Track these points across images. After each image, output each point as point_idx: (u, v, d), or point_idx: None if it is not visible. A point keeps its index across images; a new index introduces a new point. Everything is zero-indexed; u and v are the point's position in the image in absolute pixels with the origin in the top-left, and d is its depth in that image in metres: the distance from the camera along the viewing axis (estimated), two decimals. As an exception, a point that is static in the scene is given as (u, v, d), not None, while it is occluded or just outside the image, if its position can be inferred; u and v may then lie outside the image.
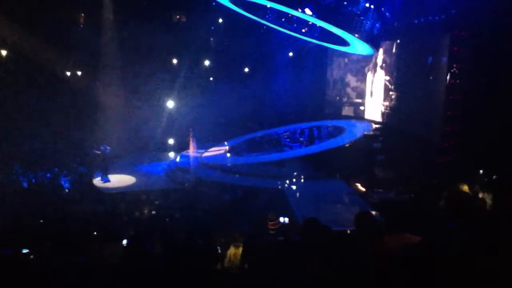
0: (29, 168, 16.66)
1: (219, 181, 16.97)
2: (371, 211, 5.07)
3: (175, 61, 24.97)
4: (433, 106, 16.84)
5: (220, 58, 23.88)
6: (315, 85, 25.00)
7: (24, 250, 5.28)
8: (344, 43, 17.73)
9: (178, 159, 20.24)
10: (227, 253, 6.63)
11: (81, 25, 22.04)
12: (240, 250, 6.28)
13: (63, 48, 19.26)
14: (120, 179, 17.85)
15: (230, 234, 7.73)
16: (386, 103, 20.81)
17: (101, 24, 21.24)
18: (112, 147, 18.21)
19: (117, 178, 17.86)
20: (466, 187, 4.69)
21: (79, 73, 21.38)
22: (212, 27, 24.66)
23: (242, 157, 20.18)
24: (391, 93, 20.44)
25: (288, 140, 21.70)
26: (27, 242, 5.63)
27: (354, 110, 23.70)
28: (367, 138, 19.96)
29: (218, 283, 3.66)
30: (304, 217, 5.47)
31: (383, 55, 21.06)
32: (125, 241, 5.98)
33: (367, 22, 15.56)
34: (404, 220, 3.68)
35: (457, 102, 15.93)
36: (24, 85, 18.37)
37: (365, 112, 22.82)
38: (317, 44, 20.32)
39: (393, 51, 20.30)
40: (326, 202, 14.79)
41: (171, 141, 22.20)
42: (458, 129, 15.85)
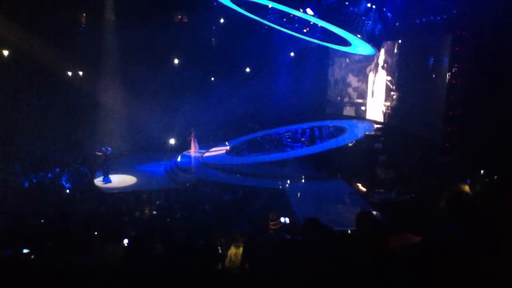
0: (30, 168, 16.69)
1: (220, 181, 17.00)
2: (372, 211, 5.07)
3: (176, 61, 24.98)
4: (434, 106, 16.83)
5: (222, 58, 23.86)
6: (317, 85, 24.99)
7: (25, 250, 5.28)
8: (346, 43, 17.72)
9: (179, 159, 20.24)
10: (227, 253, 6.63)
11: (82, 25, 22.06)
12: (240, 250, 6.28)
13: (63, 48, 19.24)
14: (121, 179, 17.91)
15: (231, 235, 7.73)
16: (388, 103, 20.80)
17: (102, 24, 21.25)
18: (113, 147, 18.23)
19: (118, 178, 17.91)
20: (466, 187, 4.67)
21: (80, 73, 21.39)
22: (214, 27, 24.68)
23: (243, 157, 20.18)
24: (392, 93, 20.43)
25: (289, 140, 21.66)
26: (28, 242, 5.62)
27: (355, 110, 23.70)
28: (369, 138, 19.93)
29: (218, 283, 3.66)
30: (305, 217, 5.47)
31: (385, 55, 21.05)
32: (126, 241, 5.99)
33: (369, 22, 15.54)
34: (404, 220, 3.68)
35: (458, 102, 15.94)
36: (25, 85, 18.37)
37: (367, 112, 22.81)
38: (319, 44, 20.32)
39: (395, 51, 20.29)
40: (327, 202, 14.78)
41: (172, 141, 22.21)
42: (459, 129, 15.86)
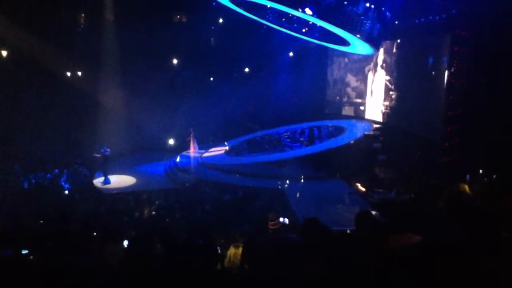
0: (30, 168, 16.67)
1: (220, 181, 16.99)
2: (372, 211, 5.07)
3: (176, 61, 24.98)
4: (433, 106, 16.84)
5: (221, 58, 23.85)
6: (316, 85, 24.99)
7: (24, 251, 5.27)
8: (345, 43, 17.73)
9: (179, 159, 20.23)
10: (227, 253, 6.63)
11: (82, 25, 22.05)
12: (240, 250, 6.28)
13: (63, 48, 19.24)
14: (120, 179, 17.89)
15: (231, 235, 7.73)
16: (387, 103, 20.80)
17: (102, 24, 21.25)
18: (113, 148, 18.21)
19: (117, 178, 17.89)
20: (466, 187, 4.69)
21: (80, 73, 21.39)
22: (213, 27, 24.69)
23: (242, 157, 20.18)
24: (391, 93, 20.42)
25: (289, 140, 21.66)
26: (27, 243, 5.61)
27: (354, 110, 23.69)
28: (368, 138, 19.93)
29: (218, 283, 3.65)
30: (305, 217, 5.47)
31: (384, 55, 21.05)
32: (125, 242, 5.98)
33: (368, 22, 15.56)
34: (404, 220, 3.67)
35: (458, 102, 15.94)
36: (25, 85, 18.37)
37: (366, 112, 22.80)
38: (318, 44, 20.32)
39: (394, 51, 20.29)
40: (326, 202, 14.79)
41: (171, 141, 22.21)
42: (458, 129, 15.86)
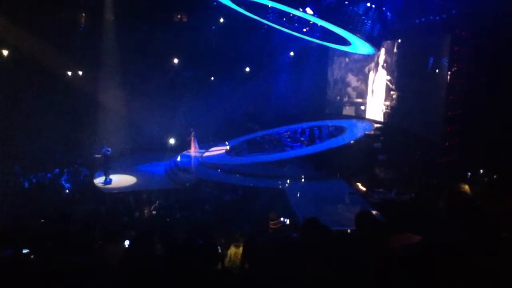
0: (30, 168, 16.68)
1: (220, 181, 16.99)
2: (372, 211, 5.06)
3: (176, 61, 24.98)
4: (433, 106, 16.84)
5: (221, 58, 23.86)
6: (316, 85, 24.99)
7: (25, 250, 5.26)
8: (345, 42, 17.72)
9: (179, 159, 20.23)
10: (227, 252, 6.62)
11: (82, 25, 22.06)
12: (240, 250, 6.27)
13: (63, 48, 19.25)
14: (121, 179, 17.88)
15: (231, 235, 7.73)
16: (387, 103, 20.79)
17: (102, 24, 21.26)
18: (113, 147, 18.22)
19: (118, 178, 17.88)
20: (466, 187, 4.67)
21: (79, 73, 21.40)
22: (213, 27, 24.69)
23: (243, 157, 20.18)
24: (392, 92, 20.42)
25: (289, 140, 21.64)
26: (28, 242, 5.60)
27: (355, 109, 23.68)
28: (368, 138, 19.91)
29: (218, 283, 3.65)
30: (305, 217, 5.46)
31: (384, 55, 21.04)
32: (126, 242, 5.98)
33: (368, 21, 15.57)
34: (404, 220, 3.67)
35: (458, 102, 15.95)
36: (25, 85, 18.37)
37: (366, 112, 22.80)
38: (318, 44, 20.32)
39: (394, 50, 20.29)
40: (327, 202, 14.77)
41: (172, 141, 22.21)
42: (458, 129, 15.86)
